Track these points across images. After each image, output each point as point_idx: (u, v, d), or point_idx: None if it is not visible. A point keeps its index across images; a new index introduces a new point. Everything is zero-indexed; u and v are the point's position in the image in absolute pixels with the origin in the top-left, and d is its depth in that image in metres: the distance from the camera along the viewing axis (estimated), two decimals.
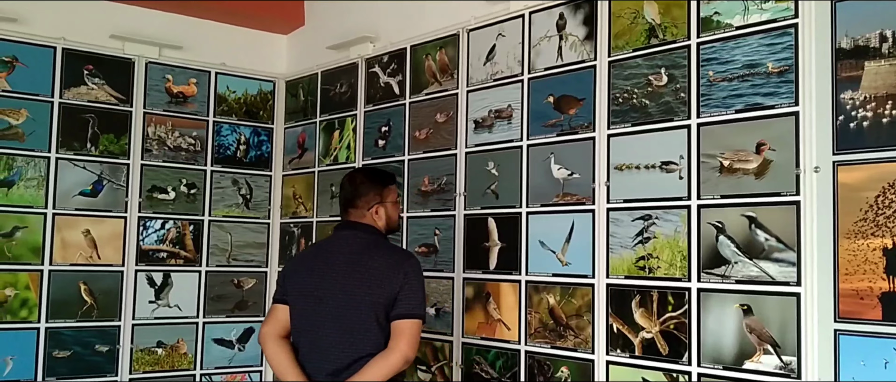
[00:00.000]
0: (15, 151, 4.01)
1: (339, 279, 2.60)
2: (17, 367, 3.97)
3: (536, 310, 3.29)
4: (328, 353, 2.58)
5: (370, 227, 2.71)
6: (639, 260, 2.93)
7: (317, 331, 2.61)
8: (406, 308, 2.55)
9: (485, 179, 3.56)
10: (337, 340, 2.57)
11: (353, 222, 2.71)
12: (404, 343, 2.52)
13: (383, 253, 2.67)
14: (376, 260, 2.61)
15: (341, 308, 2.57)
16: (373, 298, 2.55)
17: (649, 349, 2.87)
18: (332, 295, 2.59)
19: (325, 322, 2.59)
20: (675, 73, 2.88)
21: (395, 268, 2.58)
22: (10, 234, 3.97)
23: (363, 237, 2.68)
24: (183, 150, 4.54)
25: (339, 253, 2.65)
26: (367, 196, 2.71)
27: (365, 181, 2.74)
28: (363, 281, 2.57)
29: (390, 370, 2.51)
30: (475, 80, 3.66)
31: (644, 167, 2.94)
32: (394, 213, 2.79)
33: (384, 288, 2.55)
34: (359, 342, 2.55)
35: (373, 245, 2.67)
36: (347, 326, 2.56)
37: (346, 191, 2.74)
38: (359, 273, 2.59)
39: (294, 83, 4.88)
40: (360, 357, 2.54)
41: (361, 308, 2.55)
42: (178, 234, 4.50)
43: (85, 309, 4.16)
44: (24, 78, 4.05)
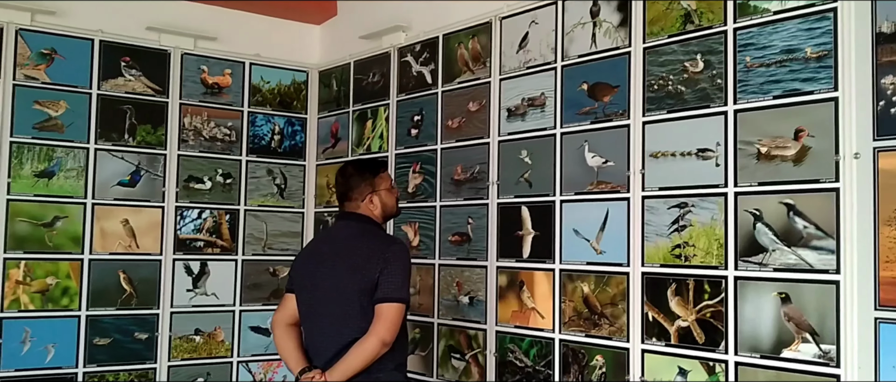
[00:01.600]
0: (55, 142, 4.08)
1: (329, 268, 2.73)
2: (58, 354, 4.05)
3: (571, 299, 3.28)
4: (324, 339, 2.73)
5: (363, 217, 2.82)
6: (674, 248, 2.91)
7: (314, 319, 2.77)
8: (384, 291, 2.63)
9: (518, 168, 3.55)
10: (329, 327, 2.71)
11: (348, 212, 2.85)
12: (382, 327, 2.61)
13: (369, 239, 2.76)
14: (361, 247, 2.72)
15: (331, 295, 2.71)
16: (357, 284, 2.65)
17: (685, 337, 2.86)
18: (324, 283, 2.73)
19: (320, 309, 2.74)
20: (712, 59, 2.84)
21: (377, 254, 2.68)
22: (50, 224, 4.05)
23: (354, 226, 2.81)
24: (218, 141, 4.59)
25: (333, 242, 2.82)
26: (359, 187, 2.82)
27: (355, 173, 2.85)
28: (348, 268, 2.69)
29: (367, 355, 2.61)
30: (508, 68, 3.65)
31: (680, 154, 2.92)
32: (389, 200, 2.89)
33: (366, 274, 2.65)
34: (346, 328, 2.67)
35: (361, 233, 2.79)
36: (337, 313, 2.69)
37: (340, 185, 2.87)
38: (348, 259, 2.71)
39: (327, 73, 4.90)
40: (347, 341, 2.66)
41: (347, 294, 2.67)
42: (215, 223, 4.56)
43: (124, 298, 4.23)
44: (63, 70, 4.12)
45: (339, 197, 2.89)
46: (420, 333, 4.03)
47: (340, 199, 2.88)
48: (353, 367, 2.62)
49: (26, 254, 3.98)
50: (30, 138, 4.01)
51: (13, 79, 3.97)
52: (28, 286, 3.98)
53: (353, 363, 2.62)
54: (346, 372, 2.62)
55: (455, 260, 3.84)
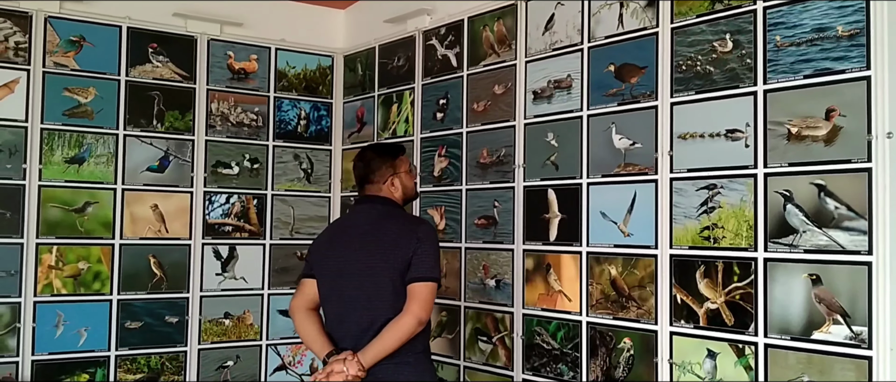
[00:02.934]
0: (85, 129, 4.13)
1: (356, 250, 2.73)
2: (90, 337, 4.11)
3: (598, 281, 3.28)
4: (351, 321, 2.72)
5: (386, 199, 2.84)
6: (703, 230, 2.89)
7: (340, 301, 2.75)
8: (419, 271, 2.66)
9: (544, 150, 3.54)
10: (358, 308, 2.70)
11: (370, 196, 2.85)
12: (417, 306, 2.64)
13: (396, 220, 2.80)
14: (390, 228, 2.74)
15: (361, 277, 2.70)
16: (388, 264, 2.66)
17: (714, 320, 2.84)
18: (352, 265, 2.72)
19: (347, 291, 2.73)
20: (741, 39, 2.81)
21: (408, 234, 2.70)
22: (82, 209, 4.10)
23: (379, 208, 2.81)
24: (245, 126, 4.62)
25: (356, 225, 2.81)
26: (380, 170, 2.84)
27: (376, 156, 2.87)
28: (378, 248, 2.69)
29: (404, 333, 2.63)
30: (534, 51, 3.63)
31: (708, 135, 2.89)
32: (409, 182, 2.91)
33: (398, 254, 2.66)
34: (378, 308, 2.67)
35: (386, 215, 2.80)
36: (367, 294, 2.69)
37: (360, 168, 2.87)
38: (375, 241, 2.71)
39: (352, 57, 4.91)
40: (379, 322, 2.66)
41: (379, 275, 2.67)
42: (243, 208, 4.59)
43: (155, 282, 4.29)
44: (92, 57, 4.16)
45: (360, 181, 2.89)
46: (447, 316, 4.04)
47: (361, 183, 2.88)
48: (389, 347, 2.62)
49: (58, 240, 4.03)
50: (60, 125, 4.06)
51: (43, 66, 4.02)
52: (60, 271, 4.04)
53: (388, 342, 2.62)
54: (380, 352, 2.62)
55: (481, 244, 3.85)
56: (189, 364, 4.36)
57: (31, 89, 3.98)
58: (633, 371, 3.12)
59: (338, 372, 2.61)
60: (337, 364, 2.62)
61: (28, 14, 3.98)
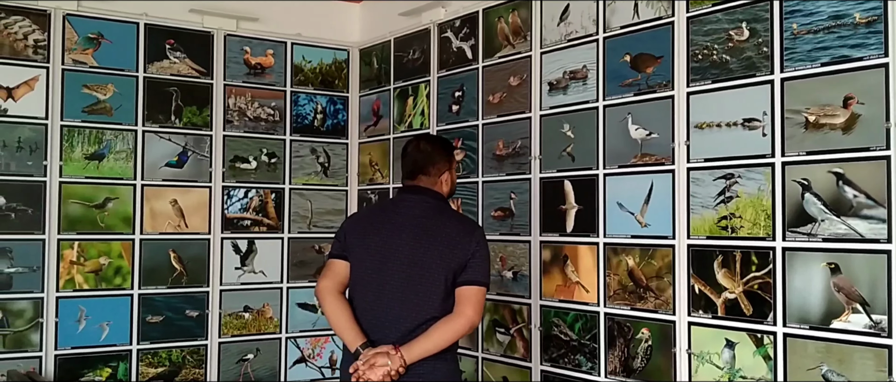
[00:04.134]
0: (104, 125, 4.16)
1: (408, 240, 2.61)
2: (112, 332, 4.16)
3: (615, 272, 3.28)
4: (391, 312, 2.59)
5: (437, 193, 2.73)
6: (721, 219, 2.88)
7: (380, 290, 2.61)
8: (475, 275, 2.58)
9: (560, 142, 3.54)
10: (402, 300, 2.58)
11: (421, 187, 2.72)
12: (471, 309, 2.55)
13: (455, 219, 2.74)
14: (449, 225, 2.64)
15: (410, 268, 2.58)
16: (445, 262, 2.57)
17: (732, 309, 2.84)
18: (400, 255, 2.60)
19: (390, 281, 2.60)
20: (757, 27, 2.79)
21: (468, 235, 2.62)
22: (102, 205, 4.15)
23: (431, 202, 2.69)
24: (262, 121, 4.64)
25: (407, 215, 2.66)
26: (439, 164, 2.73)
27: (438, 149, 2.76)
28: (435, 244, 2.59)
29: (457, 333, 2.56)
30: (549, 42, 3.63)
31: (725, 125, 2.88)
32: (455, 180, 2.84)
33: (456, 253, 2.57)
34: (425, 304, 2.57)
35: (442, 210, 2.71)
36: (414, 288, 2.58)
37: (417, 157, 2.74)
38: (430, 235, 2.60)
39: (367, 51, 4.92)
40: (425, 319, 2.56)
41: (432, 270, 2.57)
42: (261, 202, 4.62)
43: (175, 276, 4.33)
44: (110, 54, 4.19)
45: (414, 170, 2.73)
46: None
47: (414, 172, 2.73)
48: (438, 346, 2.54)
49: (79, 235, 4.08)
50: (80, 121, 4.10)
51: (62, 63, 4.06)
52: (82, 266, 4.09)
53: (438, 341, 2.54)
54: (428, 351, 2.53)
55: (498, 235, 3.85)
56: (210, 358, 4.40)
57: (50, 87, 4.02)
58: (651, 362, 3.12)
59: (381, 366, 2.47)
60: (380, 358, 2.48)
61: (47, 12, 4.02)
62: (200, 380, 4.37)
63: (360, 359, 2.51)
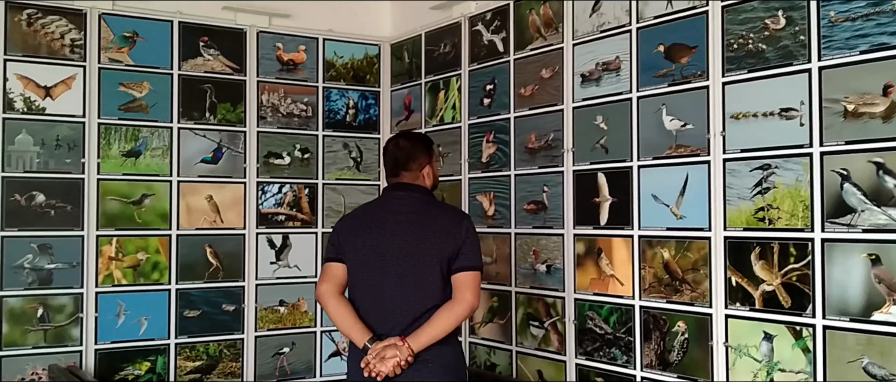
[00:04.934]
0: (140, 123, 4.22)
1: (401, 235, 2.72)
2: (151, 326, 4.22)
3: (650, 265, 3.25)
4: (393, 306, 2.69)
5: (422, 187, 2.84)
6: (758, 211, 2.84)
7: (380, 286, 2.71)
8: (469, 261, 2.70)
9: (593, 134, 3.52)
10: (403, 293, 2.69)
11: (407, 183, 2.83)
12: (470, 293, 2.67)
13: (443, 210, 2.91)
14: (438, 217, 2.78)
15: (407, 262, 2.69)
16: (438, 252, 2.68)
17: (770, 302, 2.80)
18: (397, 250, 2.71)
19: (389, 277, 2.70)
20: (794, 15, 2.75)
21: (457, 224, 2.75)
22: (139, 201, 4.20)
23: (419, 196, 2.81)
24: (295, 117, 4.67)
25: (398, 211, 2.77)
26: (419, 159, 2.84)
27: (418, 145, 2.87)
28: (427, 236, 2.70)
29: (459, 318, 2.68)
30: (581, 33, 3.60)
31: (762, 115, 2.84)
32: (437, 172, 2.94)
33: (449, 242, 2.69)
34: (425, 294, 2.68)
35: (430, 203, 2.84)
36: (414, 280, 2.69)
37: (398, 154, 2.85)
38: (422, 229, 2.72)
39: (398, 46, 4.92)
40: (426, 308, 2.67)
41: (428, 261, 2.68)
42: (295, 198, 4.66)
43: (211, 271, 4.37)
44: (145, 52, 4.24)
45: (396, 167, 2.84)
46: (497, 302, 4.05)
47: (396, 169, 2.84)
48: (442, 332, 2.64)
49: (117, 232, 4.14)
50: (116, 119, 4.15)
51: (98, 62, 4.12)
52: (120, 261, 4.15)
53: (442, 327, 2.64)
54: (432, 338, 2.63)
55: (531, 229, 3.84)
56: (246, 351, 4.45)
57: (87, 85, 4.08)
58: (687, 355, 3.09)
59: (390, 357, 2.59)
60: (389, 350, 2.60)
61: (82, 11, 4.08)
62: (237, 374, 4.42)
63: (370, 353, 2.62)
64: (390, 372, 2.59)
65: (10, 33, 3.91)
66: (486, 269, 4.12)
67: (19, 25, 3.93)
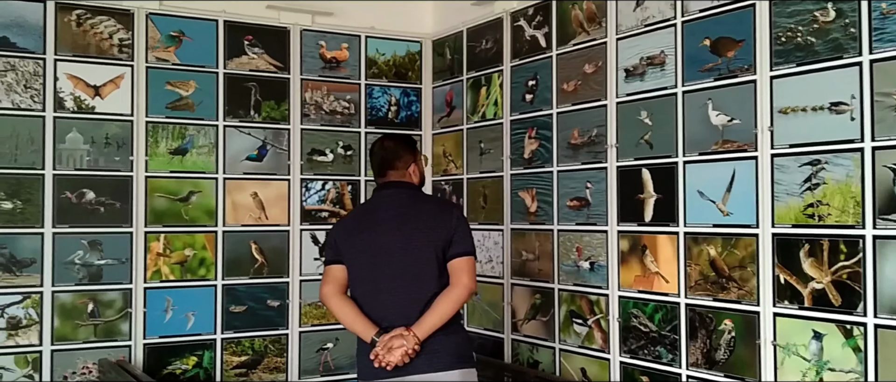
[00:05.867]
0: (187, 121, 4.28)
1: (395, 230, 2.83)
2: (197, 321, 4.28)
3: (696, 262, 3.21)
4: (394, 298, 2.79)
5: (410, 184, 2.97)
6: (807, 207, 2.79)
7: (379, 282, 2.82)
8: (463, 247, 2.81)
9: (638, 129, 3.48)
10: (402, 285, 2.80)
11: (394, 181, 2.95)
12: (467, 278, 2.78)
13: (431, 201, 3.07)
14: (427, 209, 2.92)
15: (403, 254, 2.80)
16: (432, 241, 2.79)
17: (820, 300, 2.75)
18: (391, 246, 2.82)
19: (387, 271, 2.81)
20: (844, 8, 2.69)
21: (447, 213, 2.88)
22: (186, 198, 4.27)
23: (406, 191, 2.94)
24: (338, 114, 4.70)
25: (389, 208, 2.89)
26: (405, 157, 2.97)
27: (400, 144, 3.01)
28: (420, 227, 2.82)
29: (459, 302, 2.78)
30: (625, 27, 3.57)
31: (811, 109, 2.79)
32: (423, 169, 3.08)
33: (441, 231, 2.80)
34: (424, 284, 2.79)
35: (417, 197, 2.98)
36: (411, 271, 2.80)
37: (384, 154, 2.98)
38: (414, 221, 2.84)
39: (440, 42, 4.92)
40: (427, 297, 2.78)
41: (423, 251, 2.79)
42: (338, 194, 4.69)
43: (256, 267, 4.43)
44: (191, 51, 4.31)
45: (383, 166, 2.96)
46: (540, 299, 4.03)
47: (384, 168, 2.96)
48: (444, 318, 2.75)
49: (165, 228, 4.21)
50: (163, 117, 4.22)
51: (146, 61, 4.19)
52: (168, 258, 4.22)
53: (444, 313, 2.75)
54: (435, 324, 2.73)
55: (574, 226, 3.82)
56: (291, 347, 4.50)
57: (135, 84, 4.16)
58: (734, 354, 3.05)
59: (398, 347, 2.68)
60: (396, 340, 2.69)
61: (130, 12, 4.15)
62: (282, 369, 4.47)
63: (378, 345, 2.72)
64: (399, 362, 2.68)
65: (61, 34, 4.00)
66: (528, 266, 4.11)
67: (69, 26, 4.02)
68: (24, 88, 3.91)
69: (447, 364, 2.76)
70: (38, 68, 3.95)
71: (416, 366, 2.72)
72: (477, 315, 4.51)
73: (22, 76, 3.91)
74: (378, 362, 2.70)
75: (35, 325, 3.91)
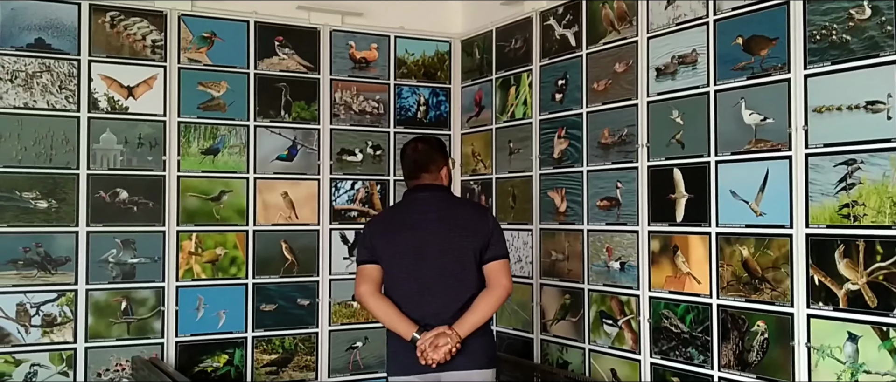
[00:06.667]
0: (218, 121, 4.32)
1: (435, 232, 2.93)
2: (229, 320, 4.32)
3: (729, 263, 3.18)
4: (435, 299, 2.89)
5: (444, 187, 3.08)
6: (842, 207, 2.75)
7: (421, 282, 2.91)
8: (499, 250, 2.94)
9: (669, 129, 3.45)
10: (443, 286, 2.90)
11: (428, 184, 3.02)
12: (506, 279, 2.92)
13: (468, 206, 3.24)
14: (466, 213, 3.04)
15: (443, 256, 2.91)
16: (471, 245, 2.91)
17: (855, 301, 2.71)
18: (432, 247, 2.92)
19: (429, 272, 2.91)
20: (880, 5, 2.65)
21: (484, 218, 3.01)
22: (217, 198, 4.31)
23: (443, 195, 3.05)
24: (367, 114, 4.72)
25: (427, 210, 2.97)
26: (438, 161, 3.06)
27: (434, 148, 3.09)
28: (458, 231, 2.92)
29: (499, 303, 2.92)
30: (656, 26, 3.54)
31: (846, 108, 2.75)
32: (451, 176, 3.16)
33: (479, 235, 2.92)
34: (463, 285, 2.91)
35: (453, 200, 3.14)
36: (452, 272, 2.90)
37: (417, 157, 3.04)
38: (454, 224, 2.94)
39: (469, 42, 4.92)
40: (466, 298, 2.90)
41: (460, 254, 2.91)
42: (367, 194, 4.71)
43: (287, 266, 4.46)
44: (223, 52, 4.34)
45: (416, 169, 3.03)
46: (570, 299, 4.02)
47: (417, 171, 3.03)
48: (485, 315, 2.89)
49: (197, 227, 4.25)
50: (195, 118, 4.26)
51: (178, 62, 4.23)
52: (200, 256, 4.26)
53: (484, 312, 2.88)
54: (476, 324, 2.86)
55: (604, 226, 3.80)
56: (321, 345, 4.52)
57: (167, 85, 4.20)
58: (767, 355, 3.01)
59: (443, 345, 2.79)
60: (441, 338, 2.80)
61: (163, 13, 4.20)
62: (312, 367, 4.50)
63: (423, 342, 2.82)
64: (442, 359, 2.79)
65: (95, 35, 4.05)
66: (558, 266, 4.10)
67: (103, 27, 4.07)
68: (59, 89, 3.97)
69: (482, 363, 2.90)
70: (73, 69, 4.00)
71: (454, 363, 2.83)
72: (506, 315, 4.50)
73: (57, 77, 3.97)
74: (423, 359, 2.80)
75: (69, 323, 3.96)
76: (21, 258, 3.87)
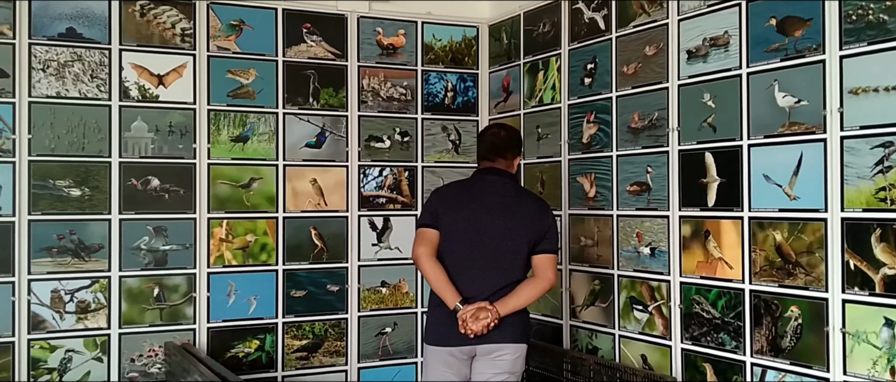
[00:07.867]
0: (247, 109, 4.34)
1: (497, 215, 3.12)
2: (259, 306, 4.35)
3: (761, 248, 3.14)
4: (484, 276, 3.09)
5: (511, 175, 3.27)
6: (879, 190, 2.70)
7: (474, 258, 3.11)
8: (550, 245, 3.17)
9: (700, 112, 3.41)
10: (494, 265, 3.11)
11: (500, 169, 3.23)
12: (552, 273, 3.16)
13: (532, 198, 3.32)
14: (529, 204, 3.22)
15: (500, 239, 3.10)
16: (526, 234, 3.12)
17: (892, 286, 2.66)
18: (491, 229, 3.11)
19: (483, 250, 3.11)
20: None
21: (544, 213, 3.21)
22: (247, 185, 4.33)
23: (510, 183, 3.24)
24: (395, 100, 4.71)
25: (493, 193, 3.17)
26: (515, 149, 3.27)
27: (514, 137, 3.31)
28: (519, 219, 3.13)
29: (540, 292, 3.15)
30: (687, 8, 3.49)
31: (884, 89, 2.69)
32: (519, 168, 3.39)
33: (536, 227, 3.14)
34: (510, 269, 3.12)
35: (519, 191, 3.29)
36: (501, 255, 3.11)
37: (496, 141, 3.24)
38: (515, 212, 3.14)
39: (497, 27, 4.89)
40: (510, 282, 3.11)
41: (516, 241, 3.11)
42: (395, 180, 4.71)
43: (316, 253, 4.48)
44: (251, 39, 4.36)
45: (492, 152, 3.23)
46: (599, 285, 4.00)
47: (492, 153, 3.23)
48: (526, 301, 3.12)
49: (227, 214, 4.28)
50: (225, 105, 4.29)
51: (207, 50, 4.25)
52: (230, 243, 4.29)
53: (526, 297, 3.11)
54: (516, 306, 3.09)
55: (634, 211, 3.77)
56: (350, 331, 4.55)
57: (197, 73, 4.23)
58: (801, 341, 2.97)
59: (484, 318, 3.00)
60: (482, 312, 3.01)
61: (192, 1, 4.22)
62: (342, 353, 4.52)
63: (465, 312, 3.02)
64: (480, 331, 3.00)
65: (125, 24, 4.08)
66: (587, 251, 4.08)
67: (133, 16, 4.10)
68: (91, 78, 4.01)
69: (515, 337, 3.12)
70: (104, 58, 4.04)
71: (490, 337, 3.04)
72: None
73: (88, 66, 4.01)
74: (463, 327, 3.01)
75: (103, 309, 4.02)
76: (55, 245, 3.93)
